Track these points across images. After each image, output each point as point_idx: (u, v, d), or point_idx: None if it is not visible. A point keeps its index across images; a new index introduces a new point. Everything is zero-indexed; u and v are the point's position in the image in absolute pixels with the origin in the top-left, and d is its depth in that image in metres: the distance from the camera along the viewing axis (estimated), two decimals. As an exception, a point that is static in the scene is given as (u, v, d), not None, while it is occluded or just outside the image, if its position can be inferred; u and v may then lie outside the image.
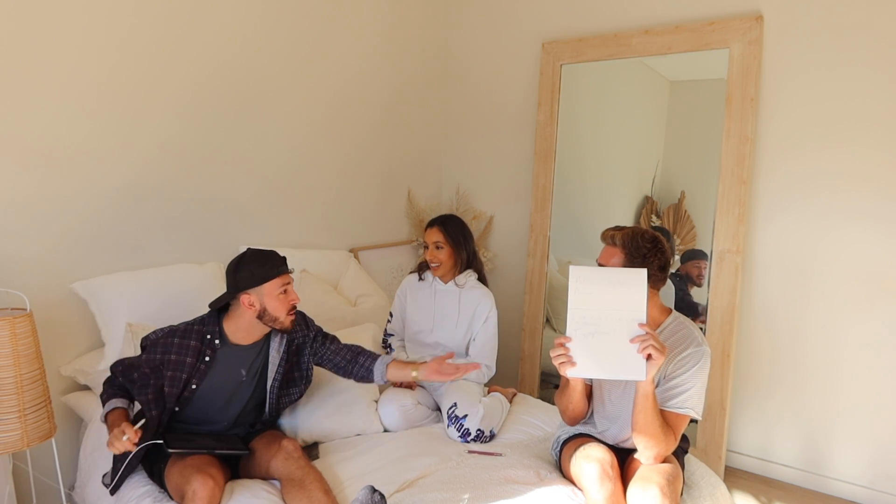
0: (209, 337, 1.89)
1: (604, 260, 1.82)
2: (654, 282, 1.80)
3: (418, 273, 2.63)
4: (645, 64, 3.06)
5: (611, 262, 1.80)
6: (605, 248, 1.84)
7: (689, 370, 1.75)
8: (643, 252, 1.76)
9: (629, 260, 1.77)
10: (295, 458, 1.81)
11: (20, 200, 2.04)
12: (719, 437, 2.77)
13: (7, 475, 1.94)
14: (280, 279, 1.87)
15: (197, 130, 2.51)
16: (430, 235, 2.55)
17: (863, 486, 2.65)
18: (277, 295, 1.86)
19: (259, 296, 1.86)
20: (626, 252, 1.77)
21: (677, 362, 1.77)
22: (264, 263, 1.86)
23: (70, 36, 2.09)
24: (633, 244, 1.77)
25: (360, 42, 3.17)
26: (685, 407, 1.75)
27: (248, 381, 1.95)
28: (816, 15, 2.59)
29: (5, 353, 1.73)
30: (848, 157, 2.58)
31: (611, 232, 1.83)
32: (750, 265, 2.82)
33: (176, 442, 1.79)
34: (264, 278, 1.85)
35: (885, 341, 2.56)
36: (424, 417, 2.39)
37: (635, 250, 1.77)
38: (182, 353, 1.85)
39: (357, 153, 3.25)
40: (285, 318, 1.89)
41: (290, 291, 1.90)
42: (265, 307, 1.86)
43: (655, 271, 1.78)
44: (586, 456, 1.73)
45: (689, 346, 1.78)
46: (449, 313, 2.53)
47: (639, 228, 1.82)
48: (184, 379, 1.84)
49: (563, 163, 3.31)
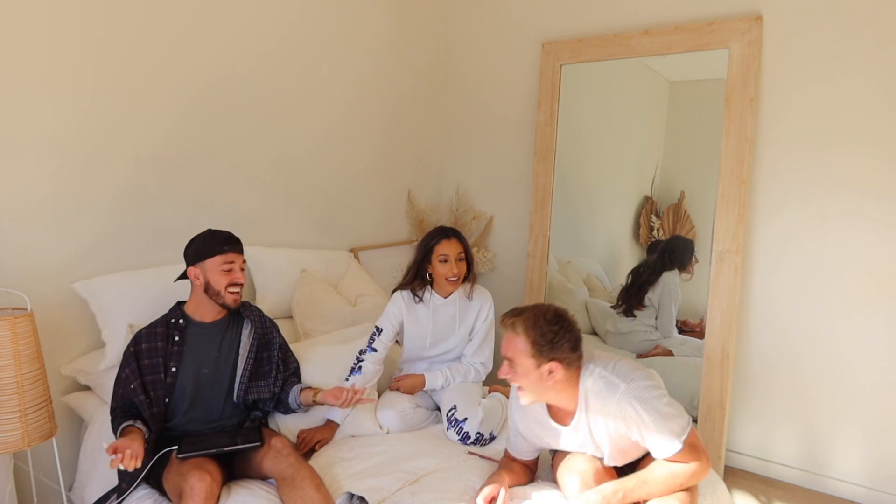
0: (173, 321, 1.98)
1: (506, 350, 1.62)
2: (568, 365, 1.59)
3: (412, 293, 2.41)
4: (645, 64, 3.07)
5: (515, 351, 1.60)
6: (504, 335, 1.63)
7: (632, 418, 1.60)
8: (550, 337, 1.56)
9: (537, 349, 1.56)
10: (284, 456, 1.81)
11: (21, 201, 2.04)
12: (719, 437, 2.77)
13: (8, 475, 1.94)
14: (222, 257, 1.95)
15: (198, 132, 2.51)
16: (451, 247, 2.34)
17: (863, 485, 2.65)
18: (220, 271, 1.95)
19: (203, 270, 1.95)
20: (531, 340, 1.57)
21: (622, 423, 1.62)
22: (209, 240, 1.97)
23: (72, 36, 2.09)
24: (536, 330, 1.56)
25: (361, 44, 3.17)
26: (668, 450, 1.59)
27: (225, 364, 2.01)
28: (816, 15, 2.59)
29: (6, 353, 1.73)
30: (848, 158, 2.58)
31: (509, 319, 1.61)
32: (750, 265, 2.82)
33: (188, 446, 1.81)
34: (206, 255, 1.95)
35: (884, 341, 2.56)
36: (423, 420, 2.39)
37: (541, 337, 1.56)
38: (151, 340, 1.93)
39: (357, 153, 3.26)
40: (225, 294, 1.96)
41: (234, 271, 1.97)
42: (208, 281, 1.95)
43: (568, 353, 1.59)
44: (569, 468, 1.71)
45: (612, 396, 1.61)
46: (449, 324, 2.44)
47: (540, 308, 1.61)
48: (161, 363, 1.91)
49: (563, 163, 3.31)
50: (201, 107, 2.52)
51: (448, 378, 2.42)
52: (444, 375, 2.42)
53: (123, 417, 1.83)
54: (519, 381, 1.63)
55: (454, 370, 2.44)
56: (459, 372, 2.45)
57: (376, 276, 3.21)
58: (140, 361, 1.89)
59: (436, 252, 2.36)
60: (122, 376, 1.88)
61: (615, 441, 1.69)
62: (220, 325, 2.03)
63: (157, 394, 1.88)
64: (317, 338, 2.57)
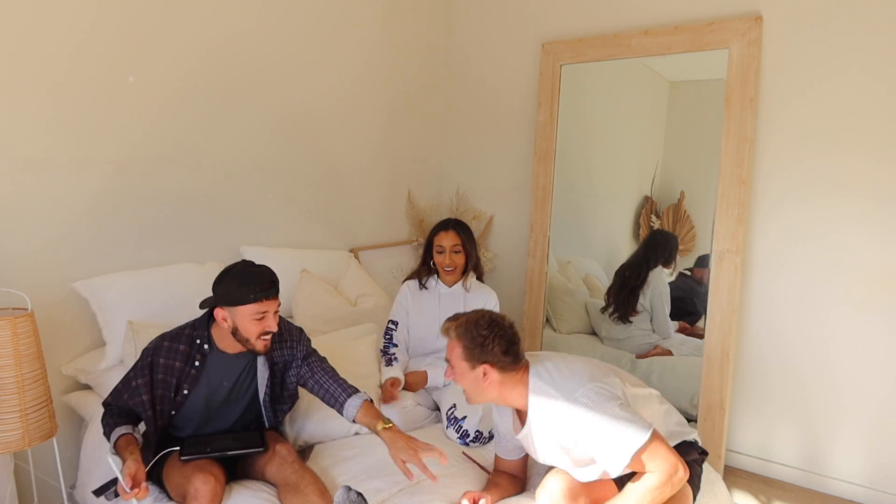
0: (198, 342, 1.84)
1: (448, 355, 1.72)
2: (502, 368, 1.66)
3: (419, 280, 2.54)
4: (645, 64, 3.07)
5: (452, 355, 1.70)
6: (447, 342, 1.72)
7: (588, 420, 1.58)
8: (480, 341, 1.65)
9: (469, 353, 1.66)
10: (289, 463, 1.81)
11: (21, 200, 2.04)
12: (719, 437, 2.77)
13: (9, 474, 1.95)
14: (255, 306, 1.75)
15: (198, 130, 2.52)
16: (446, 239, 2.44)
17: (863, 485, 2.66)
18: (251, 319, 1.77)
19: (232, 315, 1.78)
20: (464, 345, 1.66)
21: (574, 435, 1.60)
22: (243, 285, 1.75)
23: (68, 28, 2.09)
24: (468, 336, 1.66)
25: (361, 42, 3.17)
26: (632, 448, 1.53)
27: (241, 394, 1.93)
28: (816, 15, 2.59)
29: (7, 353, 1.73)
30: (848, 158, 2.58)
31: (446, 325, 1.72)
32: (749, 265, 2.82)
33: (190, 448, 1.79)
34: (239, 302, 1.75)
35: (883, 341, 2.56)
36: (424, 418, 2.40)
37: (472, 341, 1.65)
38: (171, 356, 1.81)
39: (358, 153, 3.26)
40: (256, 342, 1.80)
41: (266, 318, 1.78)
42: (237, 327, 1.78)
43: (500, 357, 1.65)
44: (543, 486, 1.71)
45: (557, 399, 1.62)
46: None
47: (474, 315, 1.70)
48: (174, 384, 1.81)
49: (563, 163, 3.31)
50: (203, 108, 2.52)
51: None
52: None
53: (119, 418, 1.79)
54: (459, 383, 1.72)
55: None
56: None
57: (376, 276, 3.21)
58: (154, 375, 1.80)
59: (434, 243, 2.48)
60: (133, 385, 1.79)
61: (568, 450, 1.66)
62: (245, 357, 1.90)
63: (163, 408, 1.83)
64: (317, 338, 2.57)
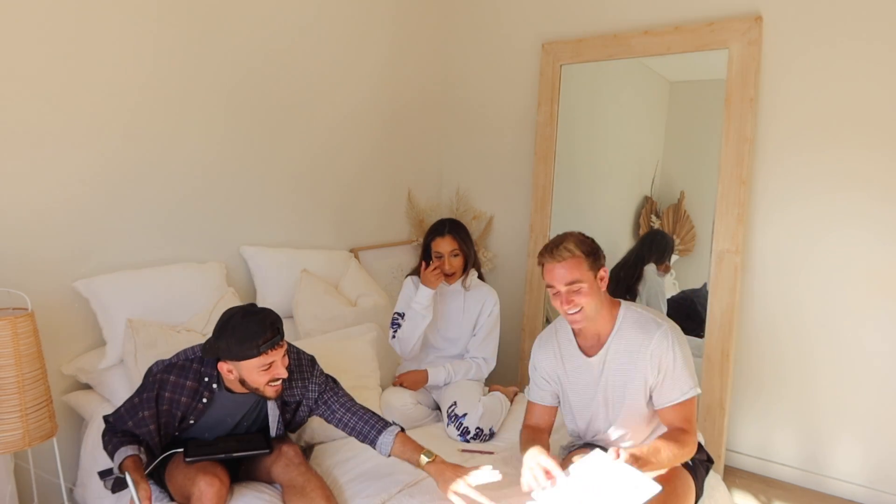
0: (206, 380, 1.77)
1: (570, 274, 1.70)
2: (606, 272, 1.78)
3: (420, 277, 2.49)
4: (645, 64, 3.07)
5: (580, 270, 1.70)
6: (560, 264, 1.71)
7: (667, 355, 1.72)
8: (596, 247, 1.77)
9: (592, 261, 1.73)
10: (296, 465, 1.80)
11: (21, 200, 2.04)
12: (719, 437, 2.78)
13: (9, 474, 1.95)
14: (260, 359, 1.65)
15: (200, 132, 2.52)
16: (444, 245, 2.41)
17: (863, 485, 2.66)
18: (258, 371, 1.68)
19: (237, 368, 1.69)
20: (585, 253, 1.73)
21: (652, 357, 1.73)
22: (244, 341, 1.63)
23: (86, 34, 2.10)
24: (585, 246, 1.74)
25: (363, 45, 3.17)
26: (686, 392, 1.72)
27: (248, 427, 1.90)
28: (816, 15, 2.59)
29: (7, 353, 1.73)
30: (847, 158, 2.58)
31: (557, 250, 1.72)
32: (749, 265, 2.82)
33: (195, 449, 1.78)
34: (241, 357, 1.66)
35: (883, 341, 2.56)
36: (424, 417, 2.40)
37: (590, 248, 1.75)
38: (177, 391, 1.75)
39: (358, 154, 3.26)
40: (266, 389, 1.72)
41: (274, 367, 1.69)
42: (244, 378, 1.71)
43: (604, 261, 1.78)
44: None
45: (652, 334, 1.74)
46: (456, 313, 2.51)
47: (570, 234, 1.78)
48: (179, 416, 1.78)
49: (563, 163, 3.31)
50: (205, 109, 2.52)
51: (450, 373, 2.44)
52: (446, 371, 2.44)
53: (124, 437, 1.75)
54: (585, 300, 1.71)
55: (456, 366, 2.46)
56: (461, 368, 2.46)
57: (376, 276, 3.21)
58: (160, 406, 1.75)
59: (432, 248, 2.46)
60: (139, 416, 1.73)
61: (624, 386, 1.76)
62: (253, 396, 1.83)
63: (168, 431, 1.81)
64: (317, 337, 2.57)
